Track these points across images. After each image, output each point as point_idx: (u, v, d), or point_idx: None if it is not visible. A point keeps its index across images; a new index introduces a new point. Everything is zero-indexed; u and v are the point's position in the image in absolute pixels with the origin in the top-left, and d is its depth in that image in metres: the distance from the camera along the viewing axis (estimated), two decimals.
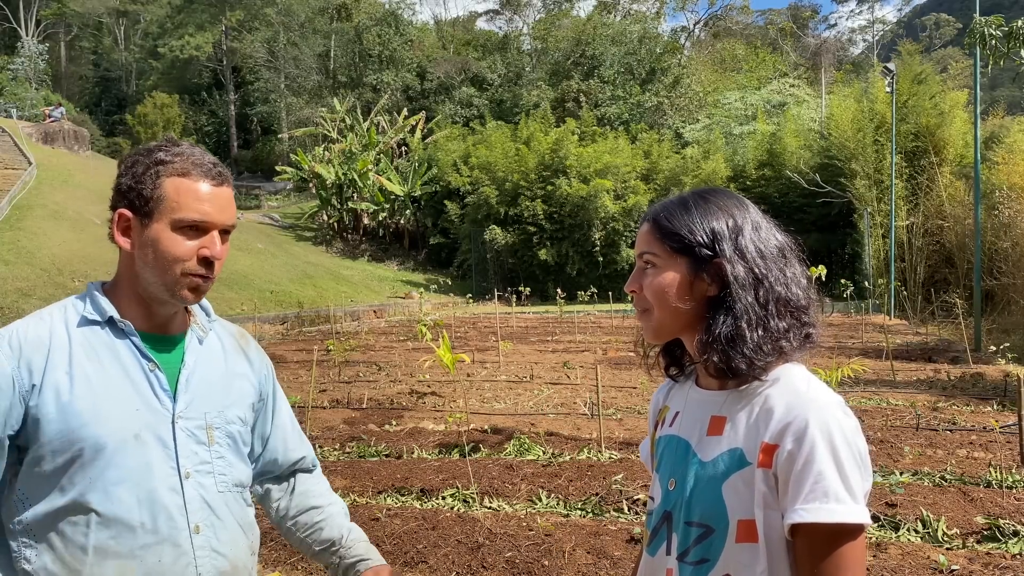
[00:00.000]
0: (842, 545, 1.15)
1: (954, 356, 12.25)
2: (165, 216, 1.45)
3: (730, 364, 1.24)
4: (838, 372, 6.30)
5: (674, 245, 1.30)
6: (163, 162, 1.46)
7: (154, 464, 1.43)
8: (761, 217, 1.34)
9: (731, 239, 1.28)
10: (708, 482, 1.25)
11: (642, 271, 1.34)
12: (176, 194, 1.45)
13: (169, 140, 1.52)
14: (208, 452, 1.51)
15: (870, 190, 24.11)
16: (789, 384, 1.23)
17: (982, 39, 9.94)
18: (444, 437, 6.92)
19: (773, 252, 1.30)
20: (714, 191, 1.36)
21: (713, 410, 1.30)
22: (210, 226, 1.48)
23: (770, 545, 1.19)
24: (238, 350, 1.67)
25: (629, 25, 46.02)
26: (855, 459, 1.15)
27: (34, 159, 28.82)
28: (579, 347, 14.43)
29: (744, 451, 1.23)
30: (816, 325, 1.31)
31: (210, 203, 1.47)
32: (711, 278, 1.28)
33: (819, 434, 1.15)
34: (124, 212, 1.47)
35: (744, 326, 1.23)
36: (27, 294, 17.15)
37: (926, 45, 60.61)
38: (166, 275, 1.46)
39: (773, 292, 1.26)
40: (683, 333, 1.34)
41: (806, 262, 1.36)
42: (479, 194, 31.29)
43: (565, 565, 3.95)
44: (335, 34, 48.58)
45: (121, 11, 57.44)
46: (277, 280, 25.61)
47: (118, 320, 1.48)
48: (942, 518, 4.42)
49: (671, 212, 1.33)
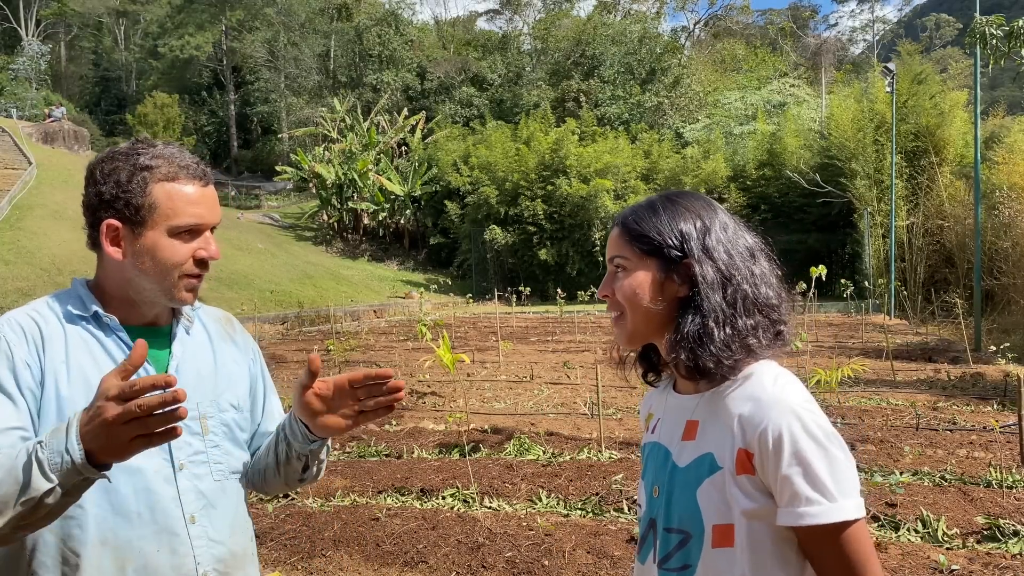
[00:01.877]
0: (837, 541, 1.16)
1: (954, 356, 12.24)
2: (160, 223, 1.44)
3: (697, 362, 1.25)
4: (838, 372, 6.30)
5: (644, 247, 1.31)
6: (148, 167, 1.44)
7: (148, 456, 1.41)
8: (729, 218, 1.35)
9: (699, 239, 1.29)
10: (684, 488, 1.26)
11: (613, 275, 1.35)
12: (169, 200, 1.44)
13: (144, 141, 1.50)
14: (202, 442, 1.51)
15: (870, 190, 24.09)
16: (757, 385, 1.23)
17: (983, 39, 9.93)
18: (444, 437, 6.92)
19: (741, 251, 1.30)
20: (682, 194, 1.37)
21: (687, 415, 1.31)
22: (204, 227, 1.48)
23: (755, 549, 1.19)
24: (224, 336, 1.66)
25: (629, 25, 45.98)
26: (823, 457, 1.15)
27: (34, 159, 28.82)
28: (579, 347, 14.42)
29: (715, 456, 1.23)
30: (787, 323, 1.31)
31: (202, 205, 1.47)
32: (681, 279, 1.29)
33: (786, 438, 1.15)
34: (112, 222, 1.45)
35: (712, 324, 1.24)
36: (27, 294, 17.15)
37: (926, 45, 60.61)
38: (164, 280, 1.46)
39: (740, 290, 1.27)
40: (656, 337, 1.35)
41: (776, 261, 1.37)
42: (479, 194, 31.27)
43: (565, 565, 3.95)
44: (335, 34, 48.57)
45: (121, 11, 57.44)
46: (277, 280, 25.61)
47: (103, 315, 1.47)
48: (942, 518, 4.42)
49: (640, 216, 1.34)
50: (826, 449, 1.16)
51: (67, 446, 1.17)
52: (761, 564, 1.19)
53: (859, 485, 1.19)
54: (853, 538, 1.15)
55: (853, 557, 1.15)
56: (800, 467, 1.14)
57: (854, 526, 1.15)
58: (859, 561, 1.16)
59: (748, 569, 1.19)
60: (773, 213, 28.41)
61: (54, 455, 1.18)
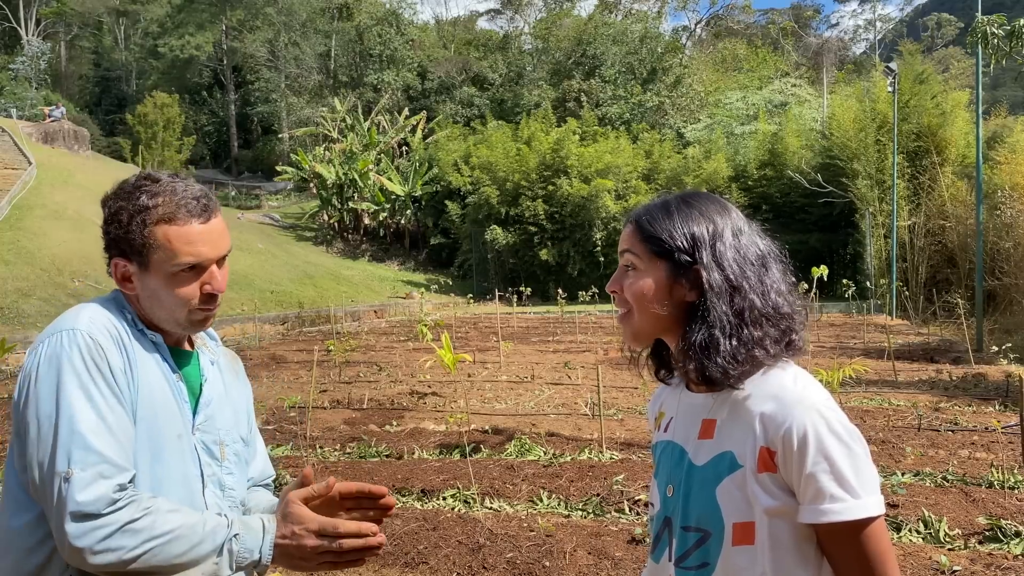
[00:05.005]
0: (858, 538, 1.17)
1: (956, 356, 12.22)
2: (162, 265, 1.45)
3: (704, 372, 1.25)
4: (840, 372, 6.29)
5: (654, 249, 1.31)
6: (147, 208, 1.44)
7: (189, 465, 1.48)
8: (744, 222, 1.34)
9: (710, 245, 1.28)
10: (702, 486, 1.26)
11: (624, 272, 1.35)
12: (168, 242, 1.44)
13: (148, 177, 1.49)
14: (220, 468, 1.55)
15: (872, 190, 24.07)
16: (777, 384, 1.23)
17: (984, 38, 9.91)
18: (445, 437, 6.91)
19: (752, 259, 1.29)
20: (697, 195, 1.36)
21: (703, 413, 1.31)
22: (207, 263, 1.48)
23: (775, 546, 1.19)
24: (233, 372, 1.72)
25: (630, 25, 45.94)
26: (847, 455, 1.16)
27: (34, 159, 28.79)
28: (580, 347, 14.41)
29: (735, 454, 1.23)
30: (799, 331, 1.30)
31: (203, 243, 1.47)
32: (689, 284, 1.28)
33: (811, 437, 1.16)
34: (119, 261, 1.47)
35: (718, 335, 1.24)
36: (27, 294, 17.15)
37: (928, 45, 60.59)
38: (174, 314, 1.48)
39: (748, 300, 1.26)
40: (663, 336, 1.35)
41: (790, 268, 1.35)
42: (480, 194, 31.25)
43: (566, 566, 3.94)
44: (336, 34, 48.57)
45: (121, 10, 57.38)
46: (278, 280, 25.60)
47: (148, 332, 1.50)
48: (944, 519, 4.41)
49: (653, 216, 1.33)
50: (849, 447, 1.17)
51: (261, 550, 1.37)
52: (781, 561, 1.19)
53: (879, 482, 1.20)
54: (874, 535, 1.17)
55: (873, 553, 1.17)
56: (826, 464, 1.15)
57: (875, 523, 1.17)
58: (879, 558, 1.17)
59: (769, 566, 1.19)
60: (774, 213, 28.35)
61: (245, 551, 1.36)
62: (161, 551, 1.29)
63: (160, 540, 1.29)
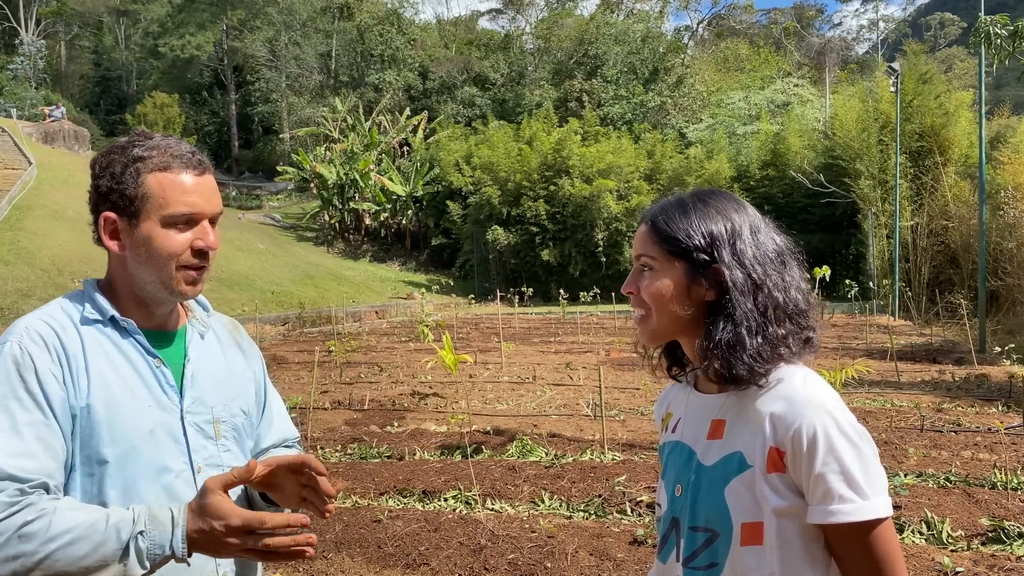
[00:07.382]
0: (866, 539, 1.17)
1: (959, 357, 12.20)
2: (153, 214, 1.43)
3: (731, 370, 1.24)
4: (842, 373, 6.27)
5: (671, 249, 1.29)
6: (141, 158, 1.44)
7: (169, 460, 1.44)
8: (760, 220, 1.33)
9: (729, 244, 1.27)
10: (711, 486, 1.26)
11: (640, 273, 1.34)
12: (161, 190, 1.43)
13: (141, 133, 1.49)
14: (215, 446, 1.52)
15: (874, 190, 24.04)
16: (787, 384, 1.23)
17: (987, 38, 9.89)
18: (446, 438, 6.90)
19: (771, 256, 1.29)
20: (713, 193, 1.35)
21: (713, 414, 1.31)
22: (200, 216, 1.47)
23: (784, 546, 1.19)
24: (233, 342, 1.68)
25: (632, 24, 45.92)
26: (857, 456, 1.16)
27: (34, 159, 28.78)
28: (582, 348, 14.40)
29: (744, 454, 1.23)
30: (816, 329, 1.31)
31: (197, 194, 1.46)
32: (709, 283, 1.27)
33: (820, 437, 1.16)
34: (109, 215, 1.45)
35: (744, 333, 1.24)
36: (27, 294, 17.15)
37: (931, 45, 60.50)
38: (162, 272, 1.45)
39: (771, 298, 1.26)
40: (680, 336, 1.34)
41: (805, 265, 1.36)
42: (481, 194, 31.23)
43: (567, 567, 3.93)
44: (337, 33, 48.55)
45: (121, 10, 57.37)
46: (278, 280, 25.59)
47: (120, 319, 1.47)
48: (947, 519, 4.40)
49: (669, 214, 1.32)
50: (859, 448, 1.17)
51: (172, 544, 1.28)
52: (790, 562, 1.19)
53: (887, 483, 1.20)
54: (882, 536, 1.17)
55: (881, 554, 1.17)
56: (836, 465, 1.16)
57: (883, 524, 1.17)
58: (887, 559, 1.17)
59: (777, 567, 1.19)
60: (777, 213, 28.06)
61: (155, 547, 1.27)
62: (62, 554, 1.23)
63: (58, 542, 1.23)
